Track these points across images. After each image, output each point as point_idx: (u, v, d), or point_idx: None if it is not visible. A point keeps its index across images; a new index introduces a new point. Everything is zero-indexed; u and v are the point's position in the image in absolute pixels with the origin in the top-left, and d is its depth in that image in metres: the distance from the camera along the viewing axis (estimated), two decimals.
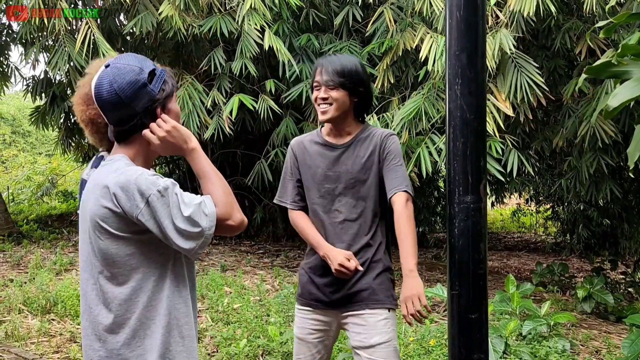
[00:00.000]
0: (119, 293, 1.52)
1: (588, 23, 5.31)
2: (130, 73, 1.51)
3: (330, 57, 2.24)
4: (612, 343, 4.42)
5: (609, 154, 5.50)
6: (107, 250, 1.50)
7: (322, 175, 2.25)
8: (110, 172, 1.51)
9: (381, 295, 2.17)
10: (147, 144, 1.59)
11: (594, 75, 1.81)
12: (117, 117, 1.53)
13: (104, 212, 1.48)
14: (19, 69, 9.29)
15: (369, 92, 2.27)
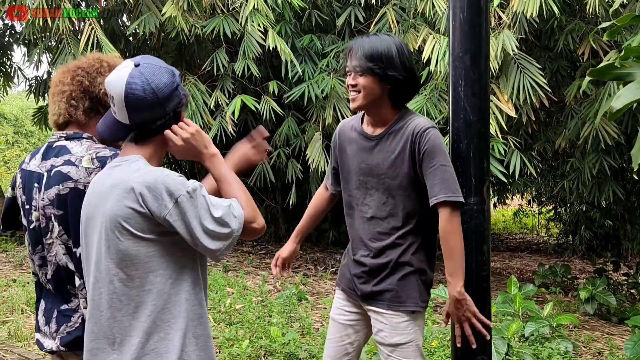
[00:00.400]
0: (135, 296, 1.50)
1: (591, 24, 5.31)
2: (166, 74, 1.51)
3: (362, 39, 2.04)
4: (614, 344, 4.41)
5: (612, 156, 5.50)
6: (127, 251, 1.47)
7: (357, 167, 2.13)
8: (130, 172, 1.49)
9: (404, 297, 2.07)
10: (163, 145, 1.58)
11: (597, 78, 1.82)
12: (146, 117, 1.51)
13: (127, 213, 1.46)
14: (22, 70, 9.31)
15: (408, 78, 2.01)
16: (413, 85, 2.06)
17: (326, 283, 6.26)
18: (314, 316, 4.88)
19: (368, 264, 2.10)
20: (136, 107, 1.48)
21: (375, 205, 2.08)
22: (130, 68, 1.50)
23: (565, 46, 5.48)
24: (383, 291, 2.08)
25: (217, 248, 1.50)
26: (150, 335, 1.50)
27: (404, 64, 1.99)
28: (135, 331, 1.50)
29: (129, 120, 1.51)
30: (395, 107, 2.06)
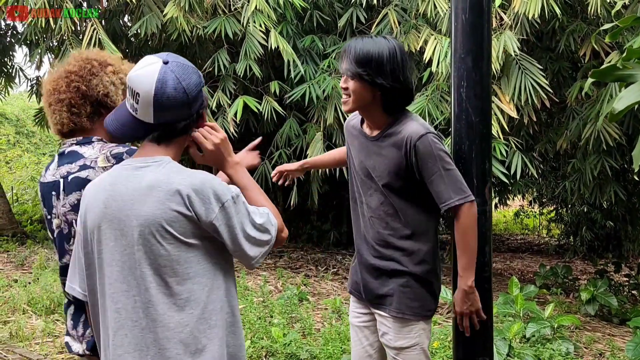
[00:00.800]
0: (172, 304, 1.43)
1: (592, 25, 5.31)
2: (195, 74, 1.47)
3: (356, 41, 1.97)
4: (615, 346, 4.41)
5: (613, 157, 5.49)
6: (169, 256, 1.42)
7: (359, 165, 2.12)
8: (169, 173, 1.43)
9: (406, 304, 2.03)
10: (182, 146, 1.54)
11: (599, 79, 1.82)
12: (172, 117, 1.46)
13: (172, 216, 1.40)
14: (23, 70, 9.33)
15: (399, 85, 1.94)
16: (403, 94, 1.98)
17: (327, 284, 6.26)
18: (315, 317, 4.88)
19: (371, 264, 2.09)
20: (165, 106, 1.43)
21: (375, 205, 2.06)
22: (159, 65, 1.43)
23: (567, 47, 5.48)
24: (386, 295, 2.06)
25: (255, 255, 1.50)
26: (187, 346, 1.44)
27: (394, 71, 1.92)
28: (170, 343, 1.43)
29: (153, 119, 1.45)
30: (388, 114, 2.02)
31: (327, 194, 8.10)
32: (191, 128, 1.53)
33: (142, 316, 1.43)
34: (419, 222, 2.03)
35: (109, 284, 1.46)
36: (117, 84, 1.84)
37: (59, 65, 1.89)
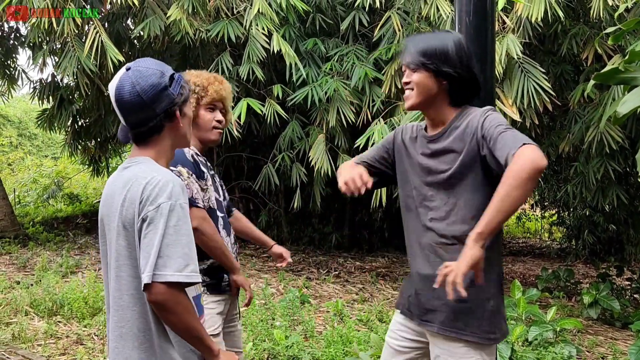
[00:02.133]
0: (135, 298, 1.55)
1: (595, 28, 5.31)
2: (152, 76, 1.54)
3: (416, 36, 1.91)
4: (618, 349, 4.40)
5: (616, 160, 5.49)
6: (128, 249, 1.56)
7: (418, 166, 1.94)
8: (139, 172, 1.54)
9: (463, 322, 1.79)
10: (166, 144, 1.63)
11: (602, 82, 1.82)
12: (137, 119, 1.56)
13: (131, 213, 1.52)
14: (26, 72, 9.35)
15: (466, 74, 1.83)
16: (470, 84, 1.86)
17: (329, 286, 6.25)
18: (317, 319, 4.88)
19: (426, 274, 1.87)
20: (126, 109, 1.54)
21: (436, 208, 1.87)
22: (122, 72, 1.56)
23: (569, 50, 5.48)
24: (434, 310, 1.85)
25: (149, 273, 1.49)
26: (141, 343, 1.56)
27: (461, 59, 1.82)
28: (128, 338, 1.56)
29: (125, 121, 1.58)
30: (454, 107, 1.89)
31: (329, 197, 8.09)
32: (163, 127, 1.59)
33: (110, 306, 1.57)
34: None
35: (104, 276, 1.63)
36: None
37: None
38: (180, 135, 1.65)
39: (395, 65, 5.58)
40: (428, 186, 1.91)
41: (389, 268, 7.55)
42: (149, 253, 1.44)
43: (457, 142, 1.83)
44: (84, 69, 5.80)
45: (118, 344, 1.53)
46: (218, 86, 2.26)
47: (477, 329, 1.79)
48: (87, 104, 8.66)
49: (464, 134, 1.81)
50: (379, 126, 5.36)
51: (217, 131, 2.30)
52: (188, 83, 1.84)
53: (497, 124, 1.74)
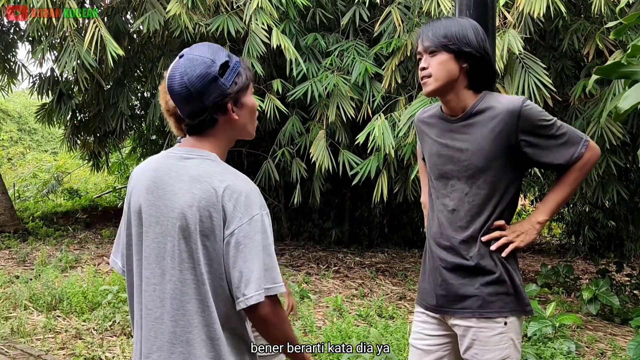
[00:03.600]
0: (198, 301, 1.49)
1: (596, 24, 5.30)
2: (201, 65, 1.43)
3: (431, 22, 1.87)
4: (617, 345, 4.41)
5: (617, 155, 5.47)
6: (196, 251, 1.46)
7: (437, 154, 1.91)
8: (212, 171, 1.46)
9: (495, 303, 1.80)
10: (223, 137, 1.52)
11: (603, 76, 1.81)
12: (188, 110, 1.46)
13: (204, 214, 1.43)
14: (26, 67, 9.33)
15: (486, 57, 1.81)
16: (489, 68, 1.84)
17: (328, 282, 6.26)
18: (316, 314, 4.88)
19: (450, 264, 1.86)
20: (178, 100, 1.45)
21: (458, 197, 1.84)
22: (176, 60, 1.47)
23: (570, 46, 5.46)
24: (468, 297, 1.83)
25: (251, 293, 1.44)
26: (209, 347, 1.50)
27: (479, 42, 1.80)
28: (195, 340, 1.50)
29: (180, 112, 1.48)
30: (474, 90, 1.85)
31: (329, 192, 8.09)
32: (216, 120, 1.48)
33: (166, 306, 1.45)
34: (503, 209, 1.84)
35: (145, 268, 1.49)
36: None
37: None
38: (238, 127, 1.53)
39: (396, 60, 5.56)
40: (446, 176, 1.88)
41: (389, 264, 7.55)
42: (250, 269, 1.38)
43: (485, 125, 1.80)
44: (84, 63, 5.78)
45: (184, 349, 1.44)
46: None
47: (515, 304, 1.82)
48: (87, 99, 8.64)
49: (496, 119, 1.78)
50: (379, 121, 5.34)
51: None
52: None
53: (547, 118, 1.77)
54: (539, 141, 1.78)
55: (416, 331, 1.99)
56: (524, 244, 1.81)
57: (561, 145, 1.78)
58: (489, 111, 1.80)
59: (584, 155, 1.77)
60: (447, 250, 1.87)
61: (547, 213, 1.84)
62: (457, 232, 1.84)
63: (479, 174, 1.81)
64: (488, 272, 1.81)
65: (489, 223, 1.82)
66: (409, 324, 4.56)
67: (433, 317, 1.94)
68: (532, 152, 1.79)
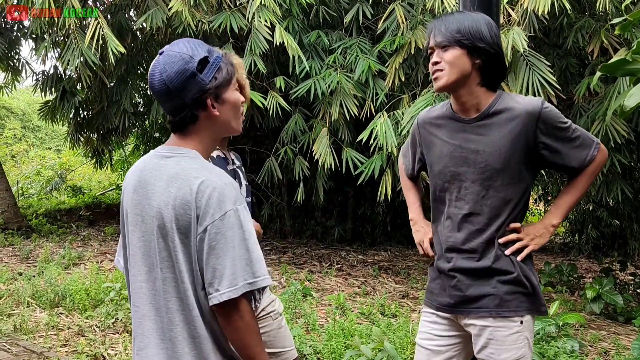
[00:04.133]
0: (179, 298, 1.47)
1: (600, 21, 5.27)
2: (179, 62, 1.41)
3: (444, 16, 1.82)
4: (621, 344, 4.39)
5: (622, 153, 5.45)
6: (175, 248, 1.46)
7: (449, 156, 1.85)
8: (189, 168, 1.43)
9: (512, 304, 1.79)
10: (205, 134, 1.50)
11: (608, 73, 1.79)
12: (169, 108, 1.45)
13: (180, 211, 1.42)
14: (30, 64, 9.34)
15: (499, 53, 1.78)
16: (502, 65, 1.81)
17: (331, 279, 6.25)
18: (318, 312, 4.88)
19: (466, 267, 1.83)
20: (158, 97, 1.45)
21: (473, 200, 1.81)
22: (157, 57, 1.46)
23: (574, 44, 5.43)
24: (484, 296, 1.80)
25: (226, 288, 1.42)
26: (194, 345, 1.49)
27: (493, 38, 1.75)
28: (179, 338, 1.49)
29: (164, 109, 1.48)
30: (487, 88, 1.81)
31: (332, 190, 8.08)
32: (197, 116, 1.46)
33: (150, 304, 1.45)
34: (519, 210, 1.83)
35: (132, 267, 1.50)
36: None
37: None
38: (221, 123, 1.50)
39: (400, 57, 5.54)
40: (462, 176, 1.84)
41: (391, 262, 7.54)
42: (224, 266, 1.36)
43: (498, 131, 1.77)
44: (87, 61, 5.78)
45: (168, 346, 1.43)
46: None
47: (532, 304, 1.81)
48: (90, 96, 8.65)
49: (508, 124, 1.76)
50: (382, 119, 5.33)
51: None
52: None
53: (564, 120, 1.78)
54: (555, 143, 1.78)
55: (425, 331, 1.96)
56: (538, 247, 1.84)
57: (576, 147, 1.79)
58: (507, 112, 1.77)
59: (596, 157, 1.80)
60: (461, 253, 1.84)
61: (560, 216, 1.86)
62: (474, 235, 1.82)
63: (496, 175, 1.78)
64: (505, 272, 1.80)
65: (505, 224, 1.81)
66: (411, 322, 4.55)
67: (444, 318, 1.92)
68: (549, 154, 1.79)
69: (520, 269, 1.80)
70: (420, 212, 2.14)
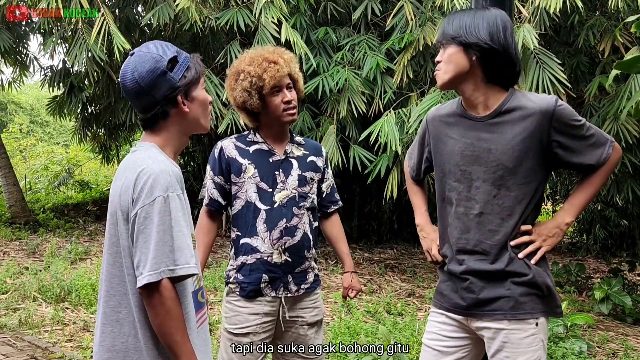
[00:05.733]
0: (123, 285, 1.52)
1: (612, 20, 5.21)
2: (150, 61, 1.49)
3: (451, 14, 1.81)
4: (629, 345, 4.34)
5: (633, 153, 5.39)
6: (122, 237, 1.53)
7: (460, 155, 1.82)
8: (138, 159, 1.51)
9: (527, 306, 1.75)
10: (174, 130, 1.57)
11: (623, 70, 1.76)
12: (141, 105, 1.52)
13: (126, 198, 1.48)
14: (38, 59, 9.36)
15: (499, 48, 1.72)
16: (506, 60, 1.75)
17: (337, 277, 6.23)
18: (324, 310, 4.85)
19: (478, 269, 1.78)
20: (129, 96, 1.53)
21: (484, 199, 1.77)
22: (128, 58, 1.54)
23: (585, 42, 5.37)
24: (498, 298, 1.76)
25: (144, 272, 1.46)
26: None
27: (492, 33, 1.71)
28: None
29: (135, 107, 1.56)
30: (495, 85, 1.78)
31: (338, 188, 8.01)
32: (168, 113, 1.53)
33: (102, 289, 1.53)
34: (532, 210, 1.81)
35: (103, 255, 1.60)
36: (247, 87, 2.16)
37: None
38: (191, 119, 1.57)
39: (408, 55, 5.50)
40: (472, 175, 1.80)
41: (398, 260, 7.51)
42: (148, 249, 1.40)
43: (511, 129, 1.74)
44: (94, 56, 5.77)
45: (114, 328, 1.49)
46: (273, 70, 2.16)
47: (547, 306, 1.78)
48: (97, 91, 8.66)
49: (522, 123, 1.73)
50: (386, 118, 5.29)
51: (288, 112, 2.22)
52: (243, 72, 2.01)
53: (578, 118, 1.74)
54: (570, 142, 1.74)
55: (433, 332, 1.92)
56: (552, 247, 1.81)
57: (590, 146, 1.75)
58: (520, 110, 1.74)
59: (611, 156, 1.76)
60: (473, 255, 1.80)
61: (573, 214, 1.82)
62: (486, 237, 1.78)
63: (508, 175, 1.75)
64: (519, 275, 1.76)
65: (518, 225, 1.77)
66: (417, 321, 4.52)
67: (454, 319, 1.88)
68: (563, 153, 1.76)
69: (535, 271, 1.77)
70: (427, 218, 2.10)
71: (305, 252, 2.22)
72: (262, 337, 2.18)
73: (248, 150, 2.23)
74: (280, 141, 2.28)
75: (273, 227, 2.15)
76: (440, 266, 1.96)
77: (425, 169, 2.07)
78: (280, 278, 2.17)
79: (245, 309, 2.16)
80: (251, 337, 2.15)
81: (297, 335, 2.26)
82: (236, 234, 2.21)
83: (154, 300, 1.40)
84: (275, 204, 2.17)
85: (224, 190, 2.23)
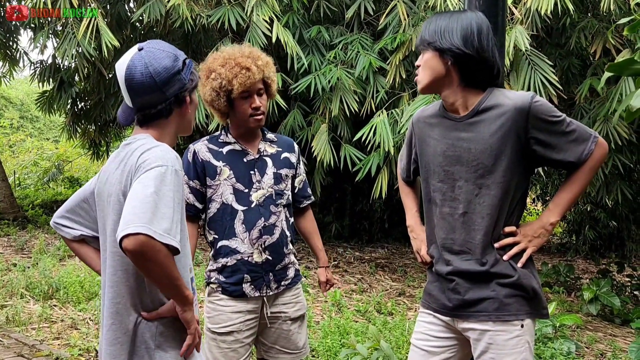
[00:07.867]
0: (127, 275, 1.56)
1: (604, 22, 5.23)
2: (166, 58, 1.52)
3: (430, 18, 1.81)
4: (617, 346, 4.37)
5: (624, 154, 5.42)
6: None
7: (442, 154, 1.82)
8: (137, 149, 1.50)
9: (512, 308, 1.74)
10: (171, 129, 1.59)
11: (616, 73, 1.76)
12: (146, 101, 1.53)
13: (126, 188, 1.49)
14: (28, 54, 9.28)
15: (473, 52, 1.71)
16: (481, 64, 1.74)
17: None
18: (314, 309, 4.85)
19: (464, 269, 1.78)
20: (136, 90, 1.51)
21: (467, 199, 1.77)
22: (134, 52, 1.53)
23: (577, 44, 5.40)
24: (483, 299, 1.75)
25: (122, 232, 1.40)
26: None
27: (465, 38, 1.71)
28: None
29: (132, 103, 1.55)
30: (471, 87, 1.77)
31: (330, 186, 8.05)
32: (171, 111, 1.56)
33: (110, 285, 1.52)
34: (515, 208, 1.79)
35: (102, 250, 1.60)
36: (216, 88, 2.13)
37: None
38: (185, 121, 1.62)
39: (401, 54, 5.50)
40: (453, 178, 1.80)
41: (389, 259, 7.52)
42: (133, 206, 1.33)
43: (493, 123, 1.73)
44: (84, 52, 5.72)
45: (115, 320, 1.50)
46: (244, 77, 2.10)
47: (533, 308, 1.76)
48: (88, 87, 8.59)
49: (504, 116, 1.71)
50: (380, 118, 5.29)
51: (255, 118, 2.18)
52: (214, 71, 2.07)
53: (556, 114, 1.71)
54: (549, 138, 1.71)
55: (420, 332, 1.92)
56: (537, 247, 1.79)
57: (571, 142, 1.71)
58: (497, 108, 1.72)
59: (594, 152, 1.72)
60: (459, 255, 1.80)
61: (558, 214, 1.79)
62: (470, 236, 1.77)
63: (488, 174, 1.74)
64: (504, 276, 1.75)
65: (501, 224, 1.76)
66: (407, 320, 4.53)
67: (441, 320, 1.88)
68: (542, 150, 1.73)
69: (521, 272, 1.75)
70: (417, 219, 2.10)
71: (284, 248, 2.23)
72: (246, 335, 2.18)
73: (222, 152, 2.21)
74: (253, 140, 2.27)
75: (252, 227, 2.15)
76: (428, 267, 1.95)
77: (414, 170, 2.07)
78: (262, 277, 2.18)
79: (228, 307, 2.16)
80: (235, 335, 2.15)
81: (280, 331, 2.26)
82: (213, 237, 2.20)
83: (142, 246, 1.31)
84: (253, 204, 2.17)
85: (200, 194, 2.20)
